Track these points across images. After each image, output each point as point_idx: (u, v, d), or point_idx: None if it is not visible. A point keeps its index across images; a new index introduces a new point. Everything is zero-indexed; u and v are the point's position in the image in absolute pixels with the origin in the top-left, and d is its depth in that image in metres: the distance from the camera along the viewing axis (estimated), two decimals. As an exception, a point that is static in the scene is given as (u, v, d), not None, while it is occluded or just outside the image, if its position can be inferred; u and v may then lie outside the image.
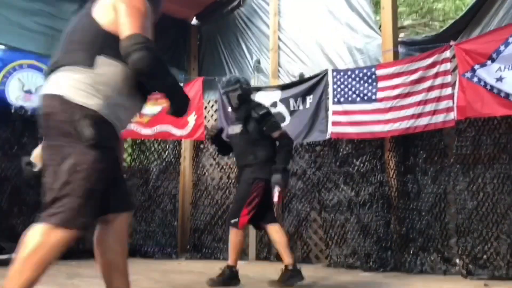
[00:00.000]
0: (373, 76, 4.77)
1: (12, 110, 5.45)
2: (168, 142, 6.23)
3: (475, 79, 4.07)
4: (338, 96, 4.99)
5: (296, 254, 5.29)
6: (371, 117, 4.72)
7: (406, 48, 5.24)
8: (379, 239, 4.64)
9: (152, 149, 6.29)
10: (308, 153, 5.37)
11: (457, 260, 4.19)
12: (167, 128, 5.92)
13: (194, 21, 7.22)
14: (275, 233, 3.77)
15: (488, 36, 4.14)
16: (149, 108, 5.62)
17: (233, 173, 5.74)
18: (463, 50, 4.18)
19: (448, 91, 4.27)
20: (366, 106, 4.78)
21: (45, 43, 5.93)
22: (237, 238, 3.70)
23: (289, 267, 3.66)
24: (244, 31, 6.69)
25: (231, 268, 3.71)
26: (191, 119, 5.82)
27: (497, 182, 4.03)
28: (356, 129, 4.83)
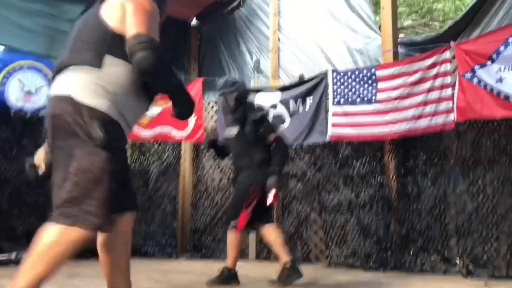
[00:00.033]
0: (373, 77, 4.76)
1: (12, 111, 5.46)
2: (168, 144, 6.24)
3: (475, 80, 4.06)
4: (338, 97, 4.98)
5: (296, 254, 5.30)
6: (371, 119, 4.71)
7: (406, 49, 5.22)
8: (379, 239, 4.64)
9: (152, 150, 6.30)
10: (308, 155, 5.36)
11: (457, 260, 4.19)
12: (167, 129, 5.92)
13: (194, 22, 7.22)
14: (271, 233, 3.78)
15: (488, 36, 4.13)
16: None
17: (233, 174, 5.74)
18: (463, 51, 4.17)
19: (448, 92, 4.25)
20: (366, 107, 4.77)
21: (45, 43, 5.94)
22: (235, 240, 3.72)
23: (287, 265, 3.67)
24: (244, 32, 6.69)
25: (230, 269, 3.72)
26: (191, 120, 5.82)
27: (497, 184, 4.02)
28: (356, 131, 4.82)
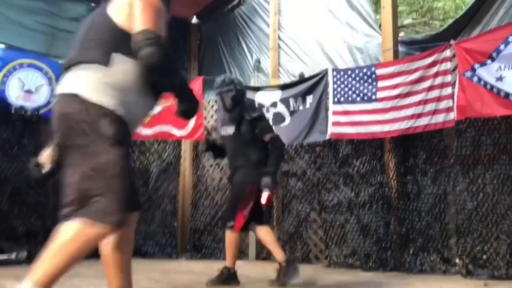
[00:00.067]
0: (373, 76, 4.76)
1: (12, 110, 5.45)
2: (168, 143, 6.23)
3: (475, 79, 4.05)
4: (338, 96, 4.98)
5: (296, 254, 5.30)
6: (371, 117, 4.70)
7: (406, 47, 5.22)
8: (379, 239, 4.63)
9: (152, 150, 6.29)
10: (308, 154, 5.35)
11: (457, 260, 4.18)
12: (167, 128, 5.91)
13: (194, 20, 7.22)
14: (266, 234, 3.80)
15: (488, 35, 4.12)
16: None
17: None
18: (463, 49, 4.16)
19: (448, 90, 4.25)
20: (366, 106, 4.77)
21: (46, 42, 5.93)
22: (233, 239, 3.72)
23: (283, 263, 3.69)
24: (244, 30, 6.68)
25: (229, 269, 3.72)
26: (192, 119, 5.81)
27: (497, 183, 4.01)
28: (356, 130, 4.81)
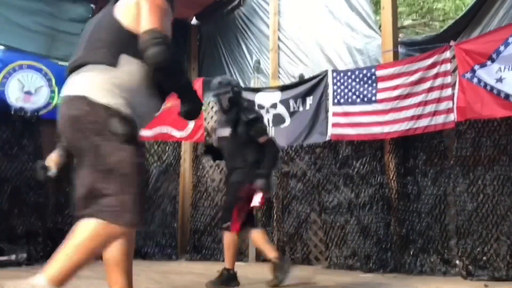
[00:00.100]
0: (373, 77, 4.76)
1: (12, 111, 5.45)
2: (168, 144, 6.22)
3: (475, 80, 4.05)
4: (338, 97, 4.98)
5: (296, 255, 5.30)
6: (371, 119, 4.71)
7: (406, 49, 5.22)
8: (379, 240, 4.63)
9: (152, 151, 6.28)
10: (308, 155, 5.35)
11: (457, 261, 4.18)
12: (167, 129, 5.91)
13: (194, 21, 7.23)
14: (258, 235, 3.83)
15: (488, 36, 4.12)
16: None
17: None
18: (463, 50, 4.16)
19: (448, 92, 4.25)
20: (366, 107, 4.77)
21: (45, 43, 5.93)
22: (231, 240, 3.72)
23: (275, 260, 3.72)
24: (244, 31, 6.68)
25: (229, 270, 3.72)
26: (194, 120, 5.82)
27: (497, 184, 4.00)
28: (356, 131, 4.82)
